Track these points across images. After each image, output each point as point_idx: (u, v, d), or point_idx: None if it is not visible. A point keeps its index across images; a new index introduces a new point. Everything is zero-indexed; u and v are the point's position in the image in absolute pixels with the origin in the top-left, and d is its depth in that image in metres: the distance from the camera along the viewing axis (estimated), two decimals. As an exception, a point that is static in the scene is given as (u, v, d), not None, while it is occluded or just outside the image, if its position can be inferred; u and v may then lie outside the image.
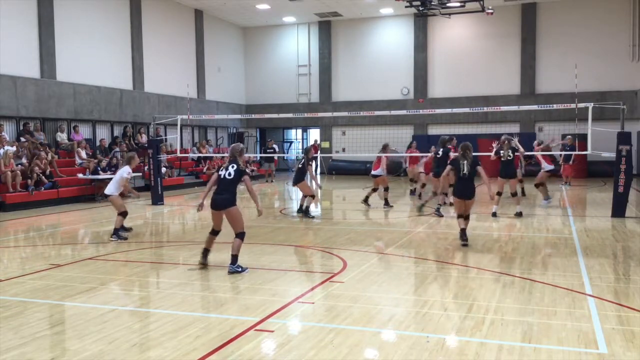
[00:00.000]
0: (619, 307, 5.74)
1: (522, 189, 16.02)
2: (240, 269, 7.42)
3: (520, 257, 8.32)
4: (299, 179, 12.62)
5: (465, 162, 8.82)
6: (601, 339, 4.83)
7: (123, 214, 10.03)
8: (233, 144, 8.10)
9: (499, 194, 12.48)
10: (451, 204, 12.14)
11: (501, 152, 12.50)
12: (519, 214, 12.28)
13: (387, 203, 14.18)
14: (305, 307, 5.84)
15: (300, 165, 12.72)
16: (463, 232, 9.01)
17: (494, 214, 12.24)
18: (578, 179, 21.67)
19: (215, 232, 7.77)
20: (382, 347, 4.80)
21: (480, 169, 8.94)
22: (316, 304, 5.96)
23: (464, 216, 9.07)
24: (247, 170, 7.76)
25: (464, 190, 8.92)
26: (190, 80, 25.52)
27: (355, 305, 5.90)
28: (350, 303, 5.95)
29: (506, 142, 12.59)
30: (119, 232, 9.97)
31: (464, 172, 8.80)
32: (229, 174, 7.55)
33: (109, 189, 10.13)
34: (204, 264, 7.70)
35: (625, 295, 6.26)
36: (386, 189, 14.26)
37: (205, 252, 7.76)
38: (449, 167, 9.25)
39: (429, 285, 6.76)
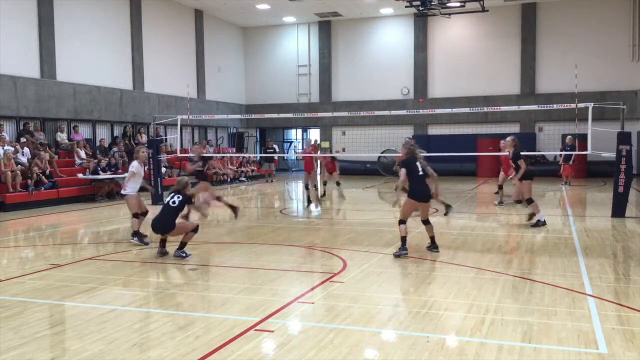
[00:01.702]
0: (619, 307, 5.74)
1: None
2: (184, 254, 8.18)
3: (520, 257, 8.32)
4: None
5: (418, 162, 8.15)
6: (601, 339, 4.83)
7: (135, 216, 9.61)
8: (179, 178, 8.70)
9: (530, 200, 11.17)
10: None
11: (521, 154, 11.21)
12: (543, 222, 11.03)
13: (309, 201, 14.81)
14: (305, 307, 5.84)
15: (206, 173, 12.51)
16: (404, 240, 8.18)
17: (543, 222, 10.95)
18: (578, 179, 21.67)
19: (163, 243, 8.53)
20: (382, 347, 4.80)
21: (430, 169, 8.24)
22: (316, 304, 5.96)
23: (423, 221, 8.34)
24: (192, 201, 8.61)
25: (424, 191, 8.12)
26: (190, 80, 25.52)
27: (355, 305, 5.90)
28: (350, 303, 5.95)
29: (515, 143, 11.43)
30: (140, 235, 9.58)
31: (420, 173, 8.07)
32: (173, 202, 8.20)
33: (124, 188, 9.85)
34: (164, 253, 8.40)
35: (625, 295, 6.26)
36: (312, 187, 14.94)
37: (162, 242, 8.44)
38: (403, 170, 8.14)
39: (429, 285, 6.75)
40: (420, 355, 4.51)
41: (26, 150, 16.14)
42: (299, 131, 32.77)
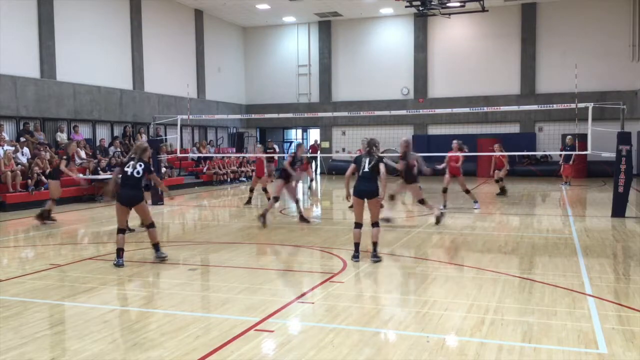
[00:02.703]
0: (619, 307, 5.74)
1: (503, 187, 16.67)
2: (164, 255, 8.06)
3: (520, 257, 8.32)
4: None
5: (367, 159, 8.13)
6: (601, 339, 4.83)
7: None
8: (137, 142, 8.27)
9: (422, 201, 11.34)
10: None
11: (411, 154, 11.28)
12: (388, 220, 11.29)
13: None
14: (305, 307, 5.84)
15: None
16: (357, 246, 8.06)
17: (388, 220, 11.30)
18: (578, 179, 21.68)
19: (123, 231, 7.96)
20: (382, 347, 4.80)
21: (382, 166, 8.11)
22: (316, 304, 5.96)
23: (372, 223, 8.07)
24: (151, 168, 8.27)
25: (360, 187, 8.03)
26: (190, 80, 25.53)
27: (355, 305, 5.90)
28: (350, 303, 5.95)
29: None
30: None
31: (365, 170, 8.07)
32: (137, 172, 7.95)
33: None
34: (121, 265, 7.74)
35: (625, 295, 6.26)
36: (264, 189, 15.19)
37: (120, 251, 7.84)
38: (352, 165, 8.25)
39: (429, 285, 6.75)
40: (420, 355, 4.51)
41: (26, 150, 16.14)
42: (299, 131, 32.79)
